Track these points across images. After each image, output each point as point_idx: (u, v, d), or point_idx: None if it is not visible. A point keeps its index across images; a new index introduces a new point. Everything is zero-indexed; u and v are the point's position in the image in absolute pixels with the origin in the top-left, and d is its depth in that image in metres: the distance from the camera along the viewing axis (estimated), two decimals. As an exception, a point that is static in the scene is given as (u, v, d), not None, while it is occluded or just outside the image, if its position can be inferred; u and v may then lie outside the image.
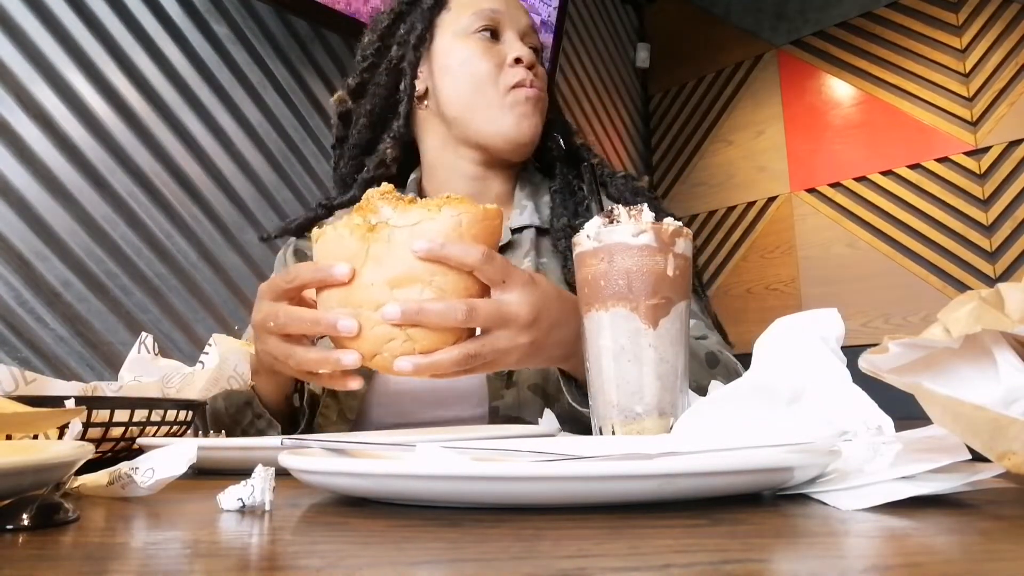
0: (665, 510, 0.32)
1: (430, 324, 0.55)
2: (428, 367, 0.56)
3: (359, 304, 0.56)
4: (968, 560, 0.25)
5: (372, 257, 0.56)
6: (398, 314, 0.55)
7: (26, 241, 1.53)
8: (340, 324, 0.56)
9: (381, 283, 0.55)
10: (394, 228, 0.56)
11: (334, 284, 0.57)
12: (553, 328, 0.63)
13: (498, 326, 0.59)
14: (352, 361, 0.56)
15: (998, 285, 0.36)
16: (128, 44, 1.75)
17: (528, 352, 0.61)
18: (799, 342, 0.48)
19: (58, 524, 0.32)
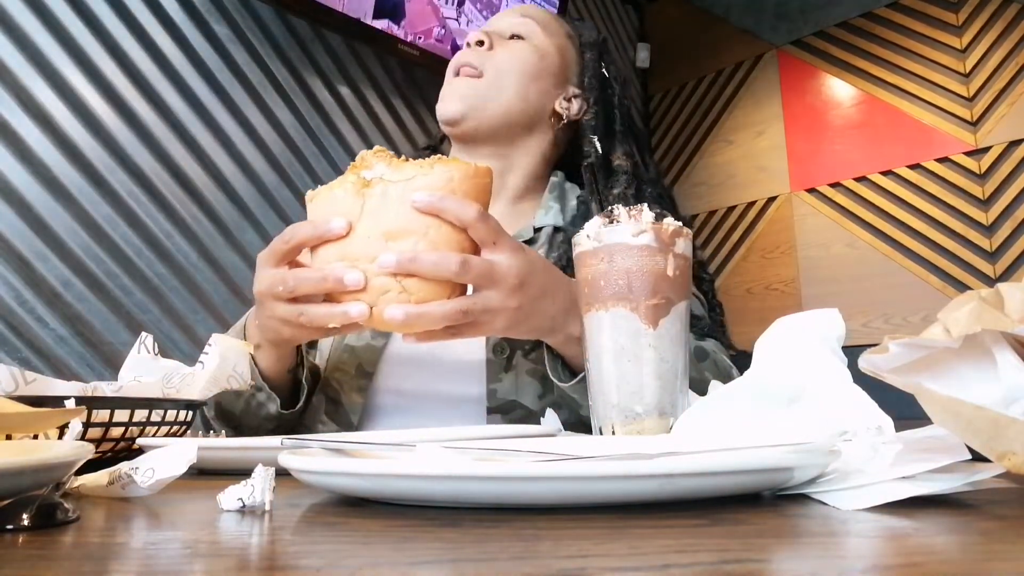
0: (665, 510, 0.32)
1: (424, 273, 0.57)
2: (418, 316, 0.57)
3: (356, 258, 0.58)
4: (968, 560, 0.25)
5: (367, 212, 0.58)
6: (393, 262, 0.56)
7: (26, 241, 1.53)
8: (347, 278, 0.57)
9: (377, 235, 0.57)
10: (389, 183, 0.58)
11: (331, 239, 0.59)
12: (540, 297, 0.65)
13: (488, 285, 0.61)
14: (360, 312, 0.58)
15: (998, 285, 0.36)
16: (128, 44, 1.75)
17: (515, 317, 0.63)
18: (799, 342, 0.48)
19: (58, 524, 0.32)
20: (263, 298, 0.66)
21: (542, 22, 1.02)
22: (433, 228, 0.58)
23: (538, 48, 1.00)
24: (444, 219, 0.58)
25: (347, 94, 2.25)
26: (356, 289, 0.57)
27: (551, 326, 0.68)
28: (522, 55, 0.98)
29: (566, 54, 1.04)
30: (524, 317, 0.64)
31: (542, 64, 0.99)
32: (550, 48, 1.02)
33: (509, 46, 0.99)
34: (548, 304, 0.66)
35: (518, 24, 1.01)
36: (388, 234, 0.57)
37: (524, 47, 0.99)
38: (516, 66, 0.97)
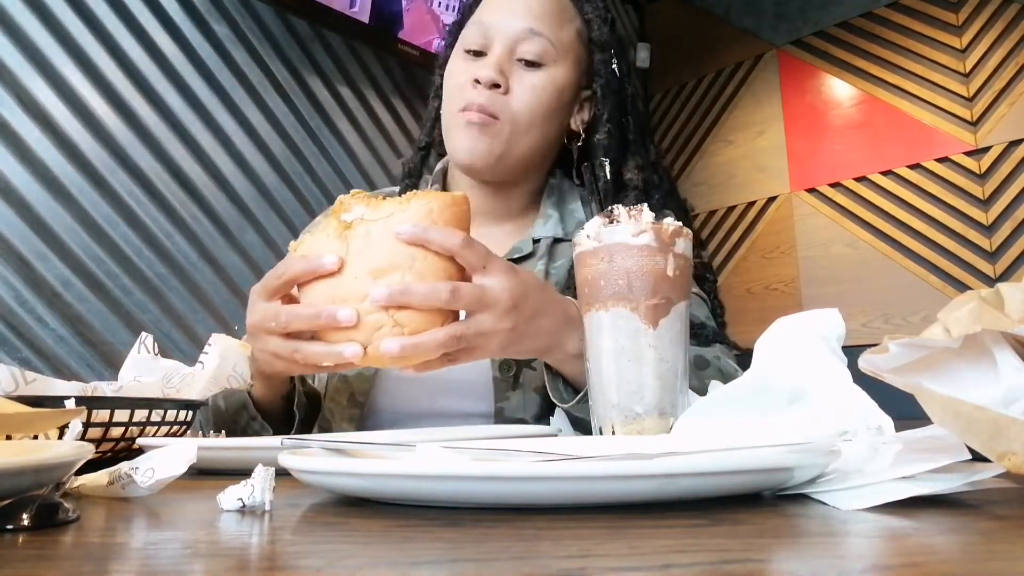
0: (665, 510, 0.32)
1: (415, 304, 0.57)
2: (413, 347, 0.58)
3: (345, 298, 0.58)
4: (968, 560, 0.25)
5: (353, 252, 0.58)
6: (385, 295, 0.57)
7: (26, 241, 1.53)
8: (340, 315, 0.57)
9: (364, 275, 0.58)
10: (370, 222, 0.59)
11: (323, 275, 0.59)
12: (534, 317, 0.64)
13: (480, 309, 0.61)
14: (353, 352, 0.58)
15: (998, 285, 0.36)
16: (128, 44, 1.75)
17: (510, 338, 0.62)
18: (799, 342, 0.48)
19: (58, 524, 0.32)
20: (256, 331, 0.65)
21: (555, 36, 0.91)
22: (419, 260, 0.58)
23: (556, 79, 0.91)
24: (430, 249, 0.59)
25: (347, 94, 2.25)
26: (349, 326, 0.58)
27: (548, 344, 0.67)
28: (542, 96, 0.90)
29: (580, 62, 0.96)
30: (519, 338, 0.63)
31: (562, 97, 0.93)
32: (567, 69, 0.93)
33: (526, 83, 0.89)
34: (544, 322, 0.65)
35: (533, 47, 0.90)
36: (375, 272, 0.58)
37: (543, 83, 0.90)
38: (538, 110, 0.90)
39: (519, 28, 0.90)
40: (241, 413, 0.77)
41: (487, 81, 0.87)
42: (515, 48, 0.90)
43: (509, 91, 0.89)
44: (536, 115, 0.90)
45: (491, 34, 0.91)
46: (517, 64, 0.90)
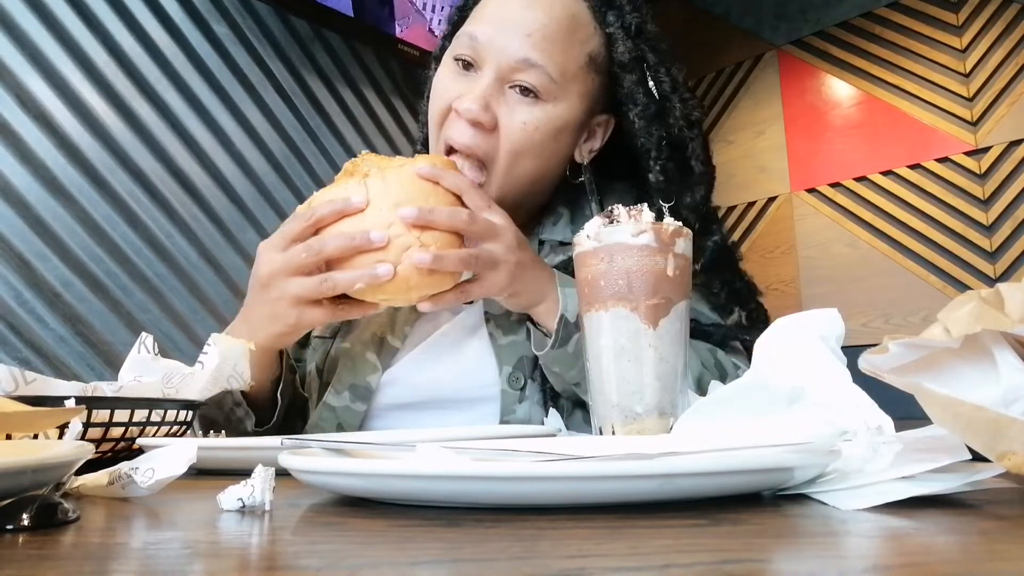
0: (665, 510, 0.32)
1: (440, 223, 0.65)
2: (439, 260, 0.64)
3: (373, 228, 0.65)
4: (968, 560, 0.25)
5: (373, 193, 0.66)
6: (414, 213, 0.64)
7: (26, 241, 1.53)
8: (373, 235, 0.64)
9: (387, 207, 0.65)
10: (385, 169, 0.68)
11: (351, 214, 0.65)
12: (532, 262, 0.72)
13: (491, 238, 0.68)
14: (386, 271, 0.64)
15: (998, 285, 0.36)
16: (128, 44, 1.75)
17: (514, 273, 0.69)
18: (799, 342, 0.48)
19: (58, 524, 0.32)
20: (274, 278, 0.67)
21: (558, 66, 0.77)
22: (432, 198, 0.67)
23: (553, 117, 0.79)
24: (443, 185, 0.67)
25: (347, 94, 2.25)
26: (380, 246, 0.64)
27: (541, 291, 0.73)
28: (534, 137, 0.78)
29: (589, 92, 0.82)
30: (521, 274, 0.70)
31: (559, 137, 0.81)
32: (569, 104, 0.80)
33: (516, 120, 0.77)
34: (537, 270, 0.73)
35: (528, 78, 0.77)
36: (396, 204, 0.65)
37: (537, 121, 0.78)
38: (528, 151, 0.78)
39: (514, 56, 0.76)
40: (225, 398, 0.76)
41: (468, 119, 0.77)
42: (507, 77, 0.77)
43: (496, 128, 0.77)
44: (527, 156, 0.79)
45: (483, 53, 0.78)
46: (509, 92, 0.78)
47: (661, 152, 0.80)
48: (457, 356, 0.84)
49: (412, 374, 0.84)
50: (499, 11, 0.79)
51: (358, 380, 0.84)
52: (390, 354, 0.85)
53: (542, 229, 0.90)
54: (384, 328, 0.86)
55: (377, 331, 0.85)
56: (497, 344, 0.83)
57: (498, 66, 0.77)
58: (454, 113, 0.79)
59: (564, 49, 0.78)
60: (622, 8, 0.82)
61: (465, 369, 0.83)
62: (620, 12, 0.82)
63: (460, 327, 0.85)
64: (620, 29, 0.81)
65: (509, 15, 0.78)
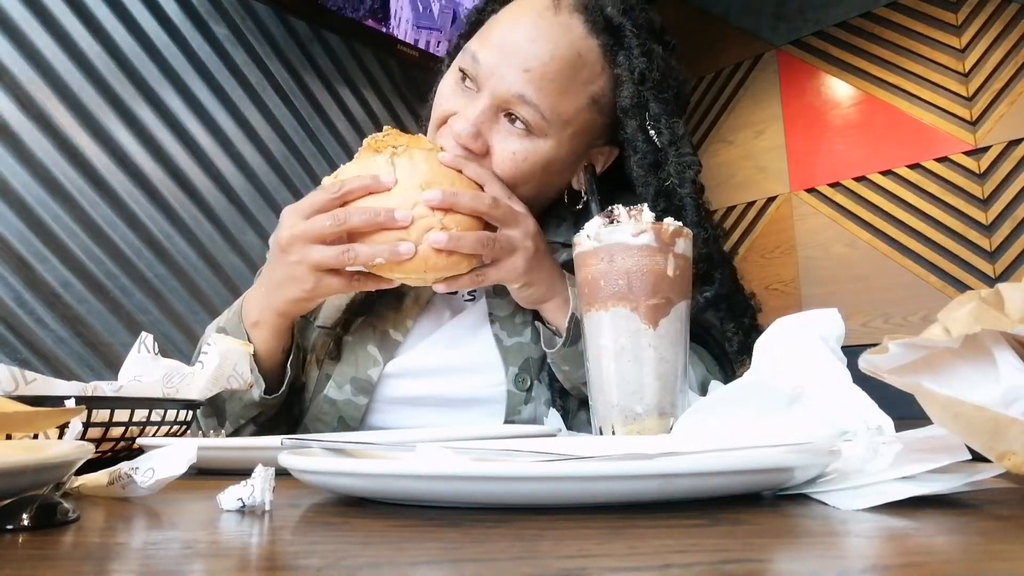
0: (665, 510, 0.32)
1: (463, 207, 0.68)
2: (457, 240, 0.67)
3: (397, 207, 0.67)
4: (968, 560, 0.25)
5: (400, 171, 0.69)
6: (439, 197, 0.67)
7: (26, 242, 1.53)
8: (397, 213, 0.66)
9: (413, 187, 0.68)
10: (413, 149, 0.70)
11: (378, 191, 0.68)
12: (545, 254, 0.75)
13: (511, 224, 0.71)
14: (408, 249, 0.66)
15: (998, 285, 0.36)
16: (127, 44, 1.75)
17: (531, 261, 0.72)
18: (799, 342, 0.48)
19: (58, 524, 0.32)
20: (296, 242, 0.69)
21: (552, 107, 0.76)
22: (458, 182, 0.70)
23: (540, 153, 0.78)
24: (466, 173, 0.71)
25: (346, 94, 2.25)
26: (403, 225, 0.66)
27: (553, 284, 0.75)
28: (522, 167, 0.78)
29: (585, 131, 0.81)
30: (538, 263, 0.72)
31: (549, 169, 0.80)
32: (558, 144, 0.79)
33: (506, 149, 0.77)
34: (551, 263, 0.76)
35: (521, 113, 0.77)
36: (422, 185, 0.68)
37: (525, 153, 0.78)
38: (518, 177, 0.78)
39: (509, 89, 0.76)
40: None
41: (460, 143, 0.77)
42: (501, 105, 0.77)
43: (488, 153, 0.78)
44: (518, 183, 0.78)
45: (482, 78, 0.78)
46: (503, 120, 0.78)
47: (656, 203, 0.79)
48: (462, 354, 0.84)
49: (415, 369, 0.84)
50: (506, 36, 0.78)
51: (359, 373, 0.84)
52: (392, 347, 0.85)
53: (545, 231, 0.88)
54: (387, 322, 0.86)
55: (379, 325, 0.85)
56: (503, 345, 0.83)
57: (494, 94, 0.77)
58: (447, 130, 0.80)
59: (562, 90, 0.77)
60: (631, 51, 0.79)
61: (470, 368, 0.83)
62: (629, 55, 0.79)
63: (464, 324, 0.85)
64: (627, 72, 0.79)
65: (513, 44, 0.77)
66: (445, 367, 0.84)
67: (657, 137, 0.80)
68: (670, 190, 0.80)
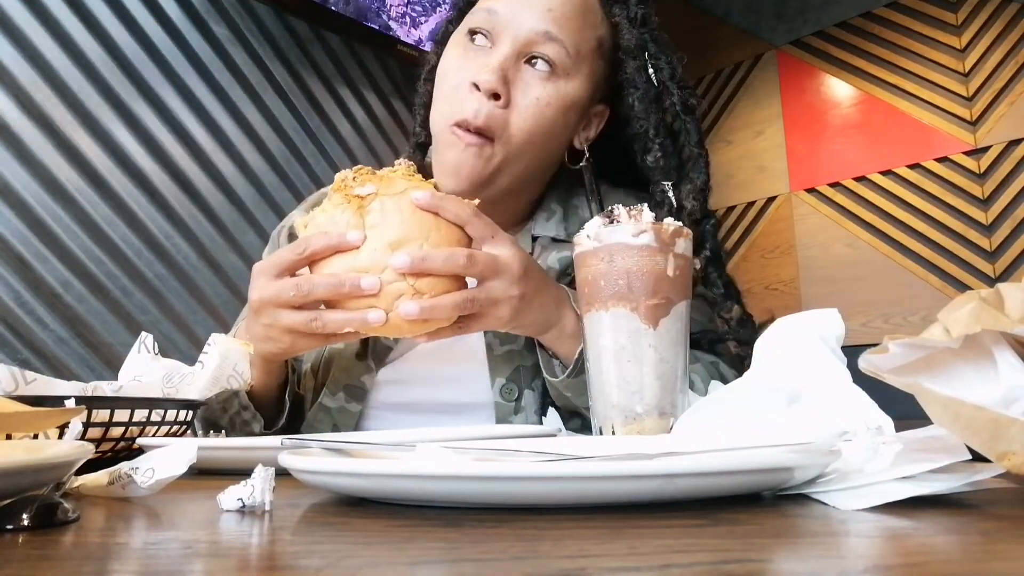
0: (665, 510, 0.32)
1: (434, 269, 0.60)
2: (431, 308, 0.60)
3: (365, 269, 0.60)
4: (968, 560, 0.25)
5: (369, 226, 0.61)
6: (407, 262, 0.59)
7: (26, 242, 1.53)
8: (363, 282, 0.59)
9: (382, 247, 0.60)
10: (384, 197, 0.62)
11: (346, 250, 0.61)
12: (538, 290, 0.67)
13: (492, 275, 0.63)
14: (377, 318, 0.60)
15: (998, 285, 0.36)
16: (127, 44, 1.75)
17: (517, 306, 0.65)
18: (799, 342, 0.48)
19: (58, 524, 0.32)
20: (264, 307, 0.64)
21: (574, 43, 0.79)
22: (433, 232, 0.62)
23: (565, 96, 0.80)
24: (444, 217, 0.62)
25: (346, 94, 2.25)
26: (370, 293, 0.59)
27: (547, 319, 0.69)
28: (546, 113, 0.79)
29: (594, 75, 0.84)
30: (526, 307, 0.66)
31: (567, 115, 0.82)
32: (579, 84, 0.81)
33: (531, 96, 0.78)
34: (546, 296, 0.68)
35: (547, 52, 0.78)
36: (393, 244, 0.60)
37: (550, 97, 0.79)
38: (539, 130, 0.79)
39: (535, 29, 0.77)
40: (231, 401, 0.76)
41: (487, 90, 0.76)
42: (525, 50, 0.78)
43: (510, 103, 0.78)
44: (535, 134, 0.79)
45: (500, 27, 0.79)
46: (525, 68, 0.79)
47: (658, 135, 0.83)
48: (452, 362, 0.83)
49: (407, 375, 0.84)
50: None
51: (352, 380, 0.84)
52: (383, 353, 0.85)
53: (534, 225, 0.90)
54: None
55: None
56: (493, 355, 0.82)
57: (515, 39, 0.78)
58: (467, 89, 0.78)
59: (579, 28, 0.80)
60: (627, 1, 0.85)
61: (457, 377, 0.83)
62: (625, 4, 0.85)
63: None
64: (625, 19, 0.84)
65: None
66: (434, 375, 0.83)
67: (657, 74, 0.84)
68: (671, 122, 0.84)
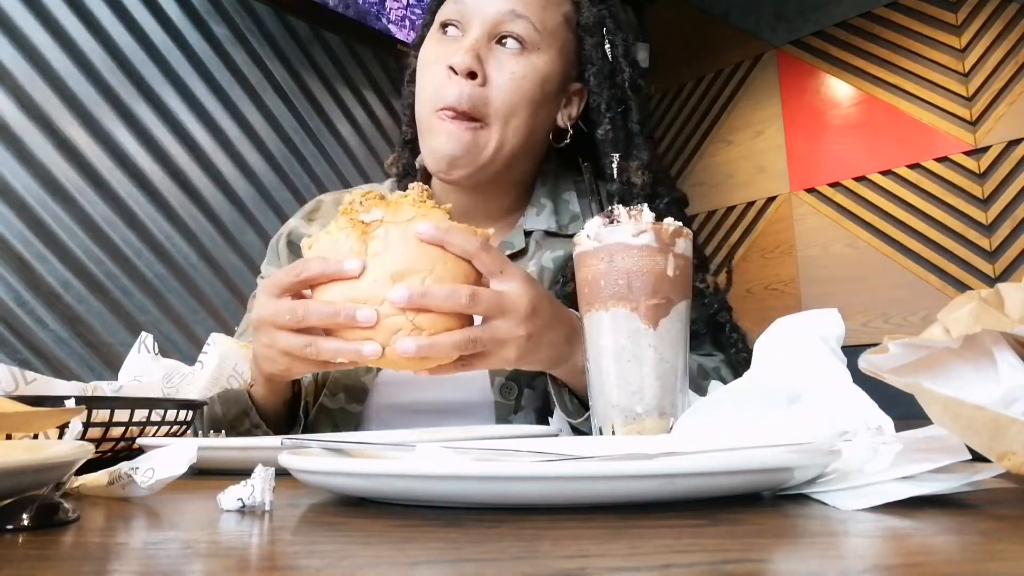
0: (665, 510, 0.32)
1: (435, 306, 0.57)
2: (429, 347, 0.57)
3: (364, 300, 0.57)
4: (968, 560, 0.25)
5: (372, 254, 0.58)
6: (405, 297, 0.56)
7: (26, 242, 1.53)
8: (359, 314, 0.56)
9: (383, 278, 0.57)
10: (389, 224, 0.58)
11: (342, 279, 0.58)
12: (547, 327, 0.63)
13: (498, 314, 0.60)
14: (372, 351, 0.57)
15: (998, 285, 0.36)
16: (127, 44, 1.75)
17: (524, 346, 0.61)
18: (799, 342, 0.48)
19: (58, 524, 0.32)
20: (264, 326, 0.63)
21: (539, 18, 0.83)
22: (439, 265, 0.58)
23: (539, 67, 0.84)
24: (449, 251, 0.58)
25: (346, 94, 2.25)
26: (367, 326, 0.56)
27: (558, 356, 0.66)
28: (523, 85, 0.82)
29: (566, 51, 0.87)
30: (534, 347, 0.62)
31: (545, 87, 0.85)
32: (551, 58, 0.85)
33: (506, 71, 0.82)
34: (556, 334, 0.65)
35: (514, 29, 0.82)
36: (395, 275, 0.57)
37: (524, 70, 0.82)
38: (520, 102, 0.82)
39: (500, 9, 0.82)
40: (242, 420, 0.75)
41: (463, 69, 0.80)
42: (494, 31, 0.82)
43: (487, 81, 0.81)
44: (518, 107, 0.82)
45: (468, 13, 0.83)
46: (496, 48, 0.83)
47: (609, 109, 0.87)
48: None
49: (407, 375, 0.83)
50: None
51: (352, 381, 0.83)
52: None
53: (525, 220, 0.91)
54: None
55: None
56: None
57: (484, 21, 0.82)
58: (446, 74, 0.81)
59: (543, 5, 0.85)
60: None
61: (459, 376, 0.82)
62: None
63: None
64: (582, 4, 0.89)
65: None
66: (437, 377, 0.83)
67: (612, 50, 0.88)
68: (620, 98, 0.88)
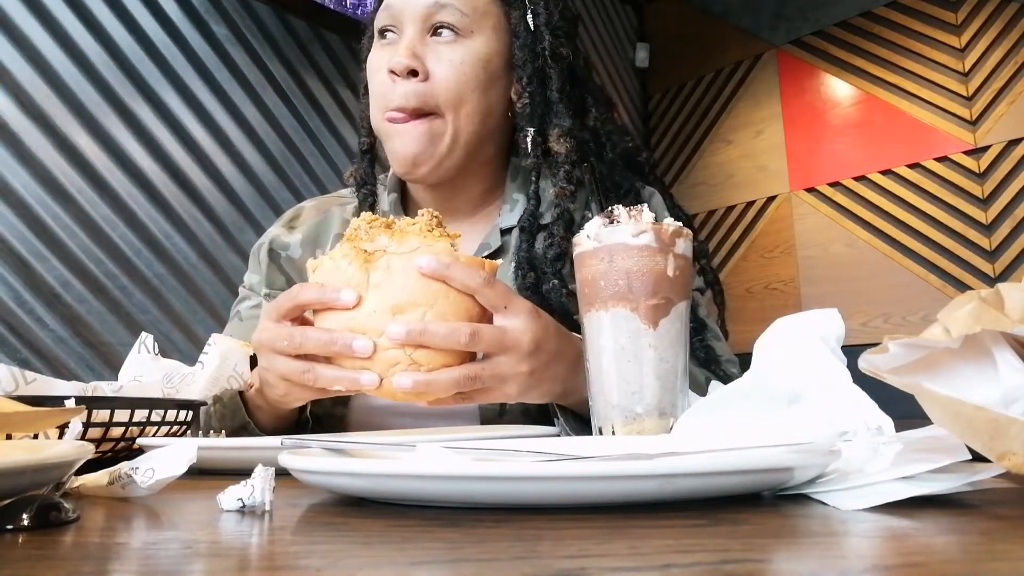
0: (665, 510, 0.32)
1: (434, 344, 0.55)
2: (427, 384, 0.56)
3: (363, 331, 0.56)
4: (968, 560, 0.25)
5: (373, 285, 0.56)
6: (403, 334, 0.54)
7: (25, 242, 1.53)
8: (355, 345, 0.55)
9: (383, 310, 0.56)
10: (392, 255, 0.57)
11: (337, 308, 0.57)
12: (552, 361, 0.62)
13: (500, 351, 0.58)
14: (370, 381, 0.56)
15: (998, 285, 0.36)
16: (127, 44, 1.75)
17: (526, 382, 0.60)
18: (799, 342, 0.48)
19: (58, 524, 0.32)
20: (263, 350, 0.62)
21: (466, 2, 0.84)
22: (441, 298, 0.57)
23: (477, 50, 0.84)
24: (451, 286, 0.57)
25: (346, 94, 2.25)
26: (363, 357, 0.55)
27: (561, 390, 0.65)
28: (464, 71, 0.83)
29: (501, 28, 0.87)
30: (536, 382, 0.61)
31: (488, 68, 0.85)
32: (488, 38, 0.85)
33: (444, 61, 0.82)
34: (560, 368, 0.63)
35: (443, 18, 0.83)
36: (395, 308, 0.56)
37: (462, 56, 0.83)
38: (465, 87, 0.83)
39: (425, 3, 0.83)
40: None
41: (401, 70, 0.81)
42: (426, 24, 0.83)
43: (429, 75, 0.82)
44: (465, 93, 0.83)
45: (399, 15, 0.84)
46: (432, 41, 0.83)
47: (530, 83, 0.86)
48: None
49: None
50: None
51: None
52: None
53: (500, 219, 0.91)
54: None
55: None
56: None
57: (415, 18, 0.83)
58: (389, 78, 0.82)
59: None
60: None
61: None
62: None
63: None
64: None
65: None
66: None
67: (534, 19, 0.87)
68: (540, 67, 0.87)
